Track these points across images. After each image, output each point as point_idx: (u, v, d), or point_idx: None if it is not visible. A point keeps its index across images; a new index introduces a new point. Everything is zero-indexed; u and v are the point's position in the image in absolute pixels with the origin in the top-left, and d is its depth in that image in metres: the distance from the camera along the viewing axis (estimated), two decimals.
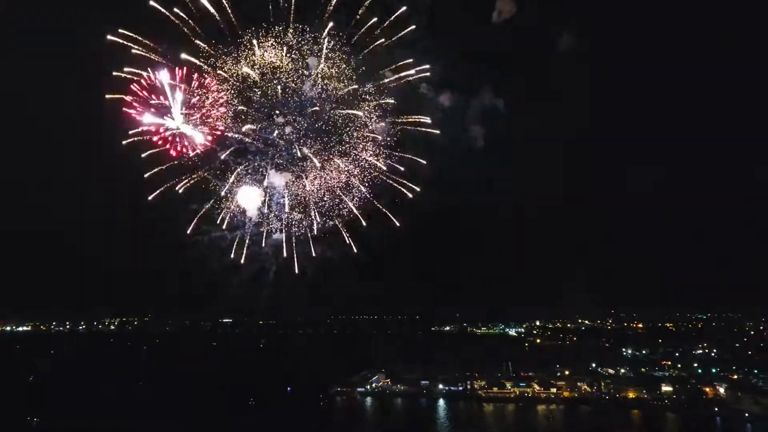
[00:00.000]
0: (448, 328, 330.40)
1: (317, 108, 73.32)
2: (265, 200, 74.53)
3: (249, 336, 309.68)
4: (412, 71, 68.05)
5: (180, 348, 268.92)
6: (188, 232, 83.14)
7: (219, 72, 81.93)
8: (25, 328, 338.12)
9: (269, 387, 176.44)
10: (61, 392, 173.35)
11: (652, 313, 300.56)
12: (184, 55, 79.57)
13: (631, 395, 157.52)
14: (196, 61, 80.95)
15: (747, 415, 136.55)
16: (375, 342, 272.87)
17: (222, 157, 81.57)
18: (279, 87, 77.72)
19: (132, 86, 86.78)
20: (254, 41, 78.42)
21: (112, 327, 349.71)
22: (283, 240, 79.25)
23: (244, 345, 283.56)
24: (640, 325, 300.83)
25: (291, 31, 76.35)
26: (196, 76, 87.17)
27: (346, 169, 74.42)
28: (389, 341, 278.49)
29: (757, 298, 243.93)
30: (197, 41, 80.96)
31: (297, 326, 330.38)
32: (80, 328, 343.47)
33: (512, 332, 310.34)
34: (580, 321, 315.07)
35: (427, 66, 66.81)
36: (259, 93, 79.63)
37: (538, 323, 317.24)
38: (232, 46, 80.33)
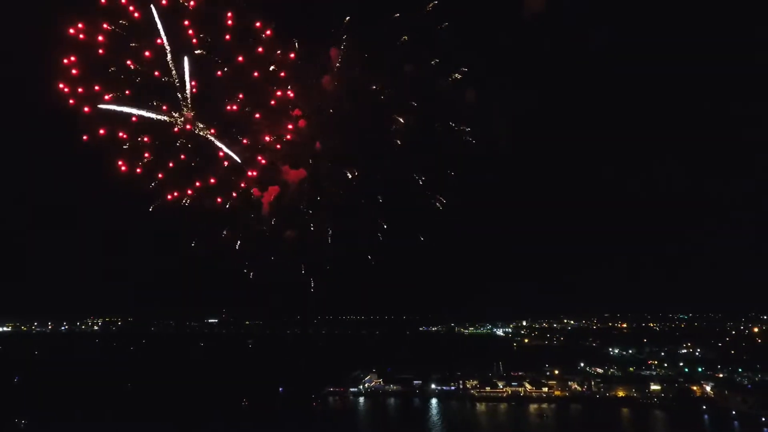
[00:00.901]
0: (435, 328, 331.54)
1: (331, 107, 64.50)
2: (277, 199, 67.95)
3: (237, 336, 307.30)
4: (457, 75, 63.38)
5: (167, 348, 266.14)
6: (192, 244, 74.17)
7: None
8: (5, 329, 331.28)
9: (261, 387, 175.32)
10: (47, 393, 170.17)
11: (634, 313, 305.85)
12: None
13: (620, 394, 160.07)
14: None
15: (734, 413, 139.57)
16: (364, 342, 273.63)
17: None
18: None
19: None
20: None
21: (96, 328, 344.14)
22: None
23: (233, 345, 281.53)
24: (624, 325, 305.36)
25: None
26: (229, 15, 60.68)
27: (364, 172, 68.67)
28: (378, 341, 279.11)
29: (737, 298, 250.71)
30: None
31: (284, 326, 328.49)
32: (63, 328, 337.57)
33: (500, 332, 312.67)
34: (565, 321, 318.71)
35: (464, 69, 63.13)
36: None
37: (524, 323, 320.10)
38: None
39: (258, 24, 61.40)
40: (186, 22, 60.51)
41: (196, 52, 61.10)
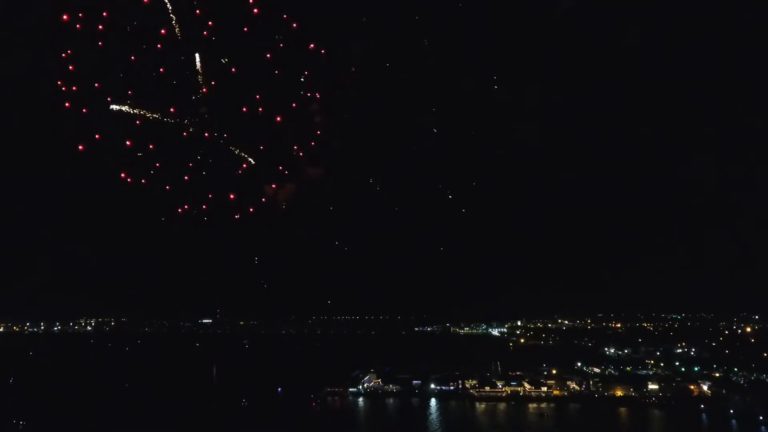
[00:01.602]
0: (430, 328, 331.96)
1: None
2: (290, 197, 63.31)
3: (232, 336, 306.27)
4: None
5: (164, 349, 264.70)
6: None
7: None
8: None
9: (260, 388, 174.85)
10: (44, 394, 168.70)
11: (628, 313, 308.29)
12: None
13: (619, 393, 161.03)
14: None
15: (732, 411, 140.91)
16: (361, 342, 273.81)
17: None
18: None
19: None
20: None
21: (89, 328, 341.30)
22: None
23: (228, 345, 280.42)
24: (619, 325, 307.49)
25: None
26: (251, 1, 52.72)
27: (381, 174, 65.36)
28: (375, 341, 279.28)
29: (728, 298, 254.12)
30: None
31: (279, 326, 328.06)
32: (55, 329, 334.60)
33: (495, 332, 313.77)
34: (560, 321, 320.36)
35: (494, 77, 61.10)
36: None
37: (519, 323, 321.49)
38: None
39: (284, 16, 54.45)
40: (198, 12, 53.21)
41: (210, 46, 54.27)
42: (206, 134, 56.25)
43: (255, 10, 52.58)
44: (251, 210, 59.45)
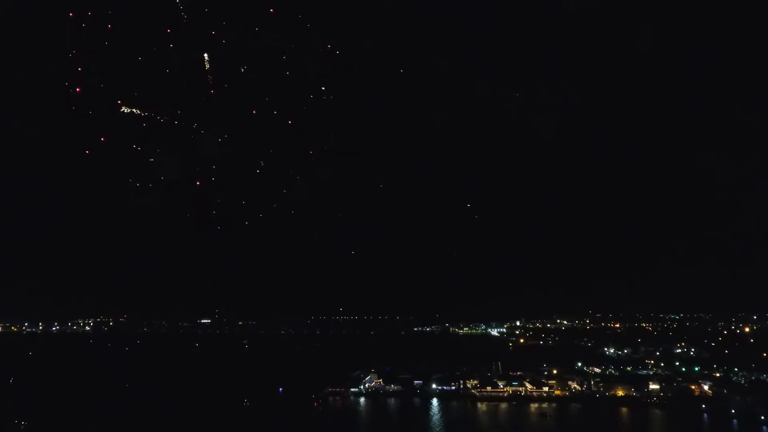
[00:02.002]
0: (429, 329, 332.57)
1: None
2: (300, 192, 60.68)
3: (231, 336, 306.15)
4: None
5: (164, 349, 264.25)
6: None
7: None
8: None
9: (261, 388, 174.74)
10: (46, 395, 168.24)
11: (627, 313, 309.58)
12: None
13: (620, 393, 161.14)
14: None
15: (733, 411, 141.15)
16: (361, 342, 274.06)
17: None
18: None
19: None
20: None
21: (87, 328, 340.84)
22: None
23: (228, 345, 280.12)
24: (618, 325, 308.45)
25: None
26: None
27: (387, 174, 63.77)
28: (375, 341, 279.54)
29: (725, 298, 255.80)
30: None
31: (278, 326, 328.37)
32: (54, 329, 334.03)
33: (494, 332, 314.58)
34: (559, 321, 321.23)
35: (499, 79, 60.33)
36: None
37: (518, 323, 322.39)
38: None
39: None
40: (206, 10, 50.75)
41: (220, 46, 51.07)
42: (215, 137, 55.80)
43: (271, 10, 51.33)
44: (260, 215, 57.56)
